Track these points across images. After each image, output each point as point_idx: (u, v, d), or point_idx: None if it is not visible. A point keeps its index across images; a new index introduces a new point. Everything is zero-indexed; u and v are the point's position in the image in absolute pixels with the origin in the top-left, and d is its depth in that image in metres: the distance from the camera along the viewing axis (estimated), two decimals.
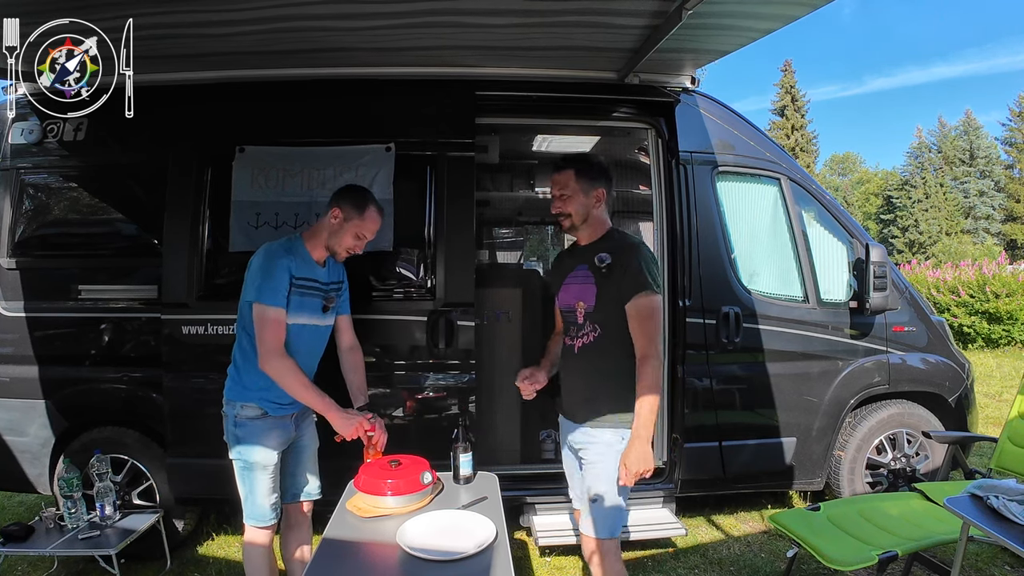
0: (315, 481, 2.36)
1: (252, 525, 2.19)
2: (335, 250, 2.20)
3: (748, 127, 3.33)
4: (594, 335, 2.02)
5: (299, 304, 2.13)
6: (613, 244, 2.04)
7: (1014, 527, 1.70)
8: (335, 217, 2.16)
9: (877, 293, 3.15)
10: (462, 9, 2.31)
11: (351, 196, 2.19)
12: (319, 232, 2.20)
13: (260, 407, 2.13)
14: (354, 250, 2.22)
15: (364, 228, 2.18)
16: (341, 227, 2.16)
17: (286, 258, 2.10)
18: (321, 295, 2.21)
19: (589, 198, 2.03)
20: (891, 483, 3.34)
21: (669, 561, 2.98)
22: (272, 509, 2.19)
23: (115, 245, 2.99)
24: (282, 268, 2.07)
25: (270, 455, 2.15)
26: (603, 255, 2.00)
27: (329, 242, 2.19)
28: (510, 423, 3.55)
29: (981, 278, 9.43)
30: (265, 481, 2.16)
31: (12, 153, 2.96)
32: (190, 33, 2.44)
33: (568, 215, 2.04)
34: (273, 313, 2.05)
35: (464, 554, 1.52)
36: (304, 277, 2.14)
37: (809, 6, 2.20)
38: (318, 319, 2.22)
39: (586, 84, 3.05)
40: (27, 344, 2.89)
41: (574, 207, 2.03)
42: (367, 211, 2.17)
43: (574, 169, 2.03)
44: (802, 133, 39.81)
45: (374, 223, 2.21)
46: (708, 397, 3.09)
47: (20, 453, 2.93)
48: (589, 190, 2.02)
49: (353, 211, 2.15)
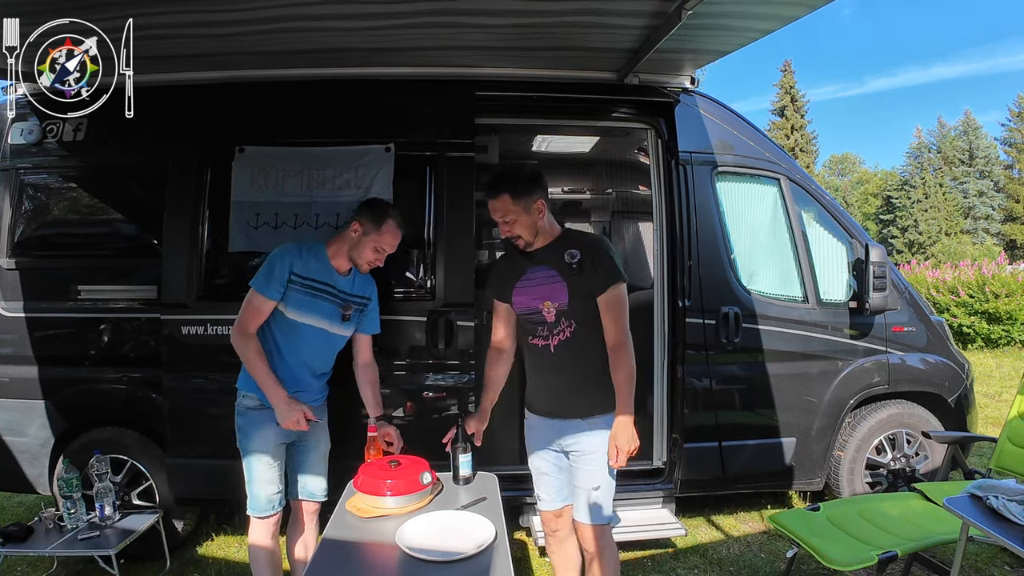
0: (319, 483, 2.37)
1: (251, 515, 2.23)
2: (357, 262, 2.27)
3: (748, 127, 3.33)
4: (570, 331, 2.05)
5: (306, 304, 2.18)
6: (576, 241, 2.09)
7: (1014, 527, 1.70)
8: (355, 231, 2.23)
9: (877, 293, 3.15)
10: (462, 9, 2.31)
11: (370, 211, 2.26)
12: (342, 242, 2.27)
13: (259, 398, 2.19)
14: (376, 263, 2.29)
15: (382, 242, 2.25)
16: (360, 241, 2.23)
17: (293, 255, 2.18)
18: (337, 302, 2.25)
19: (531, 214, 2.05)
20: (891, 483, 3.34)
21: (669, 561, 2.98)
22: (268, 501, 2.21)
23: (115, 245, 2.98)
24: (283, 262, 2.16)
25: (265, 445, 2.19)
26: (573, 251, 2.04)
27: (351, 254, 2.25)
28: (510, 423, 3.53)
29: (980, 278, 9.43)
30: (263, 471, 2.20)
31: (12, 153, 2.96)
32: (190, 33, 2.44)
33: (519, 236, 2.07)
34: (256, 298, 2.15)
35: (464, 555, 1.52)
36: (314, 279, 2.20)
37: (808, 6, 2.20)
38: (332, 326, 2.26)
39: (586, 84, 3.05)
40: (27, 344, 2.89)
41: (521, 228, 2.05)
42: (384, 225, 2.24)
43: (508, 192, 2.02)
44: (801, 133, 39.83)
45: (392, 236, 2.27)
46: (708, 397, 3.09)
47: (20, 453, 2.93)
48: (529, 206, 2.04)
49: (371, 225, 2.22)
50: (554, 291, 2.05)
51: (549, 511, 2.24)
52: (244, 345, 2.15)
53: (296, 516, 2.39)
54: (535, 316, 2.09)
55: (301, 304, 2.18)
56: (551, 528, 2.28)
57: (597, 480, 2.06)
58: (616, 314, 2.02)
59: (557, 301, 2.04)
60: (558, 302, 2.04)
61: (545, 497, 2.24)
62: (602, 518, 2.07)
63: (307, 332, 2.21)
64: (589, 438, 2.06)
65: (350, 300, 2.29)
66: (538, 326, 2.09)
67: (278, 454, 2.23)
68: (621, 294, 2.03)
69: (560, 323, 2.05)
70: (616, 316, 2.02)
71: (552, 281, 2.05)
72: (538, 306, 2.07)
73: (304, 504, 2.37)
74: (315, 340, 2.24)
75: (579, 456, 2.09)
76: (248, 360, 2.16)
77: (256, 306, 2.15)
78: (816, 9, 2.19)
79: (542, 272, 2.08)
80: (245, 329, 2.16)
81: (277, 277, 2.14)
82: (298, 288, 2.17)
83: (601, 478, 2.06)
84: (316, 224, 2.77)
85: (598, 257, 2.02)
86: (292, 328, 2.21)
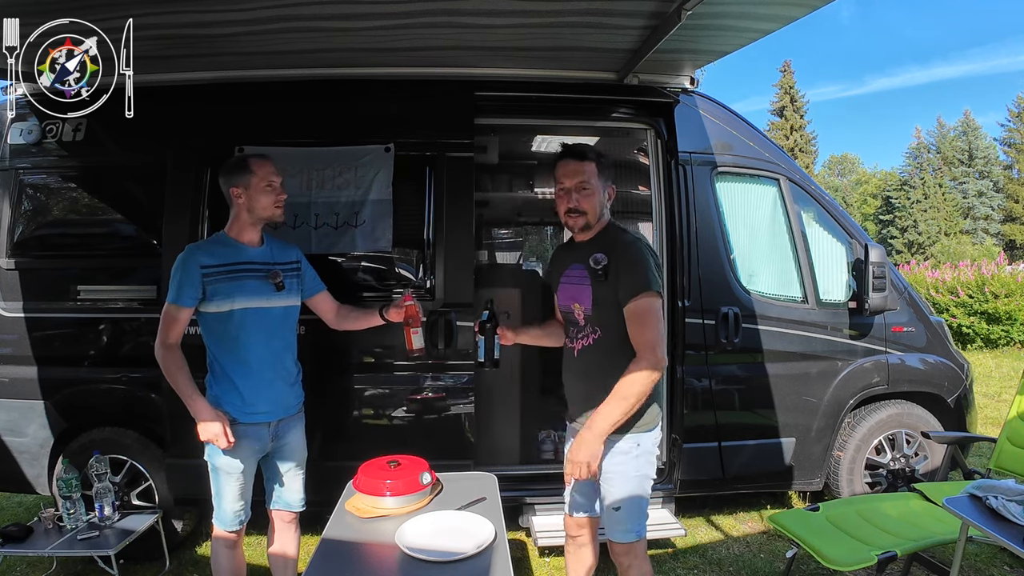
0: (296, 493, 2.32)
1: (216, 526, 2.21)
2: (265, 216, 2.17)
3: (747, 128, 3.33)
4: (594, 337, 1.95)
5: (229, 289, 2.09)
6: (609, 242, 1.93)
7: (1013, 527, 1.71)
8: (237, 196, 2.14)
9: (876, 293, 3.16)
10: (462, 9, 2.31)
11: (229, 169, 2.16)
12: (237, 217, 2.18)
13: (230, 413, 2.12)
14: (281, 197, 2.19)
15: (264, 178, 2.14)
16: (250, 195, 2.13)
17: (196, 253, 2.10)
18: (261, 274, 2.16)
19: (604, 196, 1.94)
20: (890, 483, 3.34)
21: (668, 561, 2.98)
22: (235, 516, 2.19)
23: (114, 245, 2.98)
24: (189, 263, 2.07)
25: (234, 463, 2.12)
26: (599, 255, 1.89)
27: (253, 217, 2.16)
28: (510, 423, 3.54)
29: (980, 278, 9.43)
30: (230, 487, 2.15)
31: (11, 153, 2.96)
32: (190, 33, 2.44)
33: (584, 212, 1.92)
34: (170, 309, 2.08)
35: (463, 555, 1.52)
36: (226, 263, 2.11)
37: (808, 7, 2.21)
38: (268, 300, 2.16)
39: (585, 85, 3.05)
40: (26, 345, 2.88)
41: (591, 204, 1.91)
42: (251, 163, 2.15)
43: (595, 162, 1.90)
44: (801, 134, 39.85)
45: (264, 165, 2.17)
46: (707, 397, 3.10)
47: (19, 454, 2.93)
48: (605, 187, 1.94)
49: (242, 176, 2.13)
50: (581, 294, 1.94)
51: (572, 516, 2.17)
52: (164, 358, 2.08)
53: (275, 523, 2.35)
54: (569, 316, 2.02)
55: (225, 291, 2.08)
56: (571, 533, 2.21)
57: (617, 500, 1.94)
58: (641, 326, 1.82)
59: (584, 305, 1.94)
60: (585, 307, 1.94)
61: (570, 500, 2.17)
62: (627, 536, 1.95)
63: (241, 316, 2.11)
64: (609, 458, 1.93)
65: (274, 268, 2.19)
66: (571, 326, 2.03)
67: (248, 470, 2.18)
68: (648, 305, 1.81)
69: (586, 328, 1.96)
70: (641, 327, 1.82)
71: (582, 283, 1.94)
72: (571, 306, 1.99)
73: (281, 514, 2.33)
74: (254, 321, 2.13)
75: (602, 474, 1.98)
76: (169, 373, 2.08)
77: (172, 315, 2.07)
78: (816, 9, 2.19)
79: (577, 271, 1.97)
80: (164, 341, 2.08)
81: (187, 281, 2.05)
82: (215, 278, 2.08)
83: (623, 499, 1.93)
84: (316, 224, 2.78)
85: (624, 264, 1.85)
86: (226, 326, 2.11)
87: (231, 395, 2.13)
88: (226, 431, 2.05)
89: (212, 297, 2.09)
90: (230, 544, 2.22)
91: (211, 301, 2.09)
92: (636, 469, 1.94)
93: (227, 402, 2.13)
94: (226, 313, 2.10)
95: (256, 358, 2.15)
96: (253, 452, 2.18)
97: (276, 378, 2.20)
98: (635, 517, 1.96)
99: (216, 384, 2.16)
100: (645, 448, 1.95)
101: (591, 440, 1.83)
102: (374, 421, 2.90)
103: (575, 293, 1.98)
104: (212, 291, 2.08)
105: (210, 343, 2.16)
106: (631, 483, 1.94)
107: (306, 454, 2.35)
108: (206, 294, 2.08)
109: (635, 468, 1.93)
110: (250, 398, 2.13)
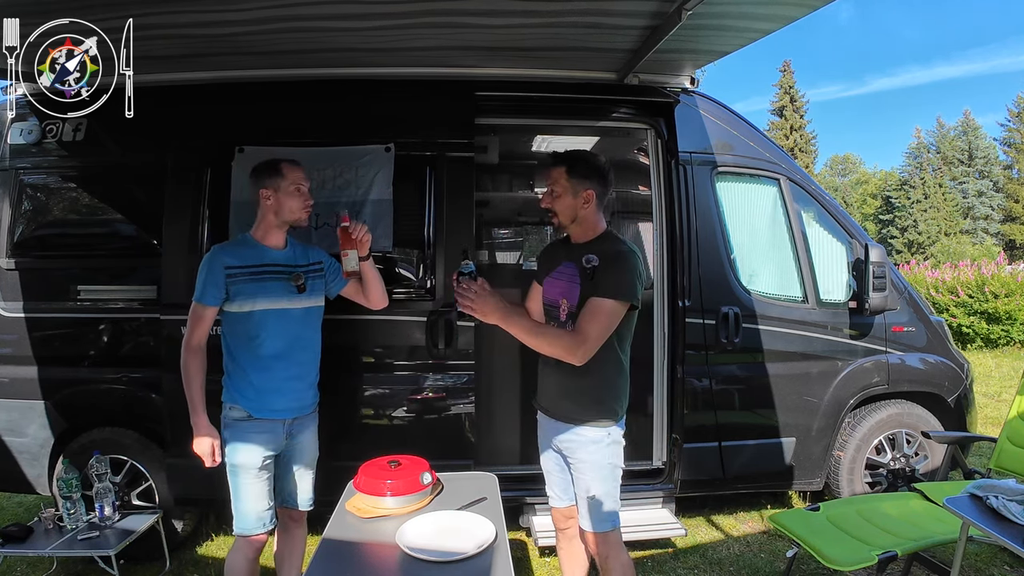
0: (305, 492, 2.32)
1: (237, 533, 2.16)
2: (291, 219, 2.18)
3: (747, 127, 3.33)
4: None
5: (255, 290, 2.12)
6: (604, 248, 1.99)
7: (1013, 527, 1.71)
8: (266, 198, 2.15)
9: (876, 293, 3.16)
10: (462, 9, 2.31)
11: (260, 171, 2.18)
12: (263, 218, 2.19)
13: (245, 409, 2.13)
14: (308, 203, 2.20)
15: (293, 182, 2.16)
16: (279, 199, 2.15)
17: (222, 253, 2.13)
18: (284, 277, 2.17)
19: (577, 199, 2.00)
20: (890, 483, 3.34)
21: (669, 561, 2.98)
22: (258, 519, 2.14)
23: (114, 245, 2.98)
24: (214, 263, 2.10)
25: (254, 458, 2.12)
26: (591, 256, 1.97)
27: (279, 220, 2.17)
28: (510, 423, 3.55)
29: (980, 278, 9.43)
30: (251, 486, 2.13)
31: (11, 153, 2.96)
32: (190, 33, 2.44)
33: (554, 212, 2.04)
34: (196, 308, 2.11)
35: (464, 555, 1.52)
36: (250, 264, 2.13)
37: (808, 7, 2.21)
38: (289, 301, 2.17)
39: (586, 85, 3.05)
40: (26, 345, 2.89)
41: (560, 206, 2.02)
42: (281, 167, 2.16)
43: (565, 167, 2.00)
44: (801, 134, 39.85)
45: (297, 171, 2.18)
46: (707, 397, 3.10)
47: (19, 454, 2.93)
48: (578, 190, 1.99)
49: (272, 179, 2.14)
50: (571, 291, 2.01)
51: (557, 508, 2.24)
52: (186, 359, 2.12)
53: (283, 520, 2.34)
54: (553, 311, 2.08)
55: (247, 292, 2.10)
56: (560, 525, 2.27)
57: (591, 490, 2.01)
58: (592, 319, 1.87)
59: (571, 302, 2.01)
60: (571, 303, 2.01)
61: (552, 495, 2.23)
62: (601, 525, 2.02)
63: (262, 317, 2.12)
64: (581, 448, 2.01)
65: (297, 270, 2.20)
66: (552, 320, 2.08)
67: (267, 467, 2.17)
68: (610, 308, 1.87)
69: (567, 324, 2.01)
70: (591, 320, 1.87)
71: (572, 280, 2.02)
72: (558, 301, 2.05)
73: (288, 512, 2.33)
74: (275, 322, 2.14)
75: (573, 464, 2.06)
76: (187, 377, 2.11)
77: (197, 314, 2.11)
78: (816, 9, 2.19)
79: (569, 269, 2.04)
80: (189, 342, 2.12)
81: (212, 280, 2.08)
82: (239, 278, 2.10)
83: (597, 487, 2.01)
84: (316, 224, 2.77)
85: (611, 269, 1.92)
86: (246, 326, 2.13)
87: (247, 391, 2.14)
88: (215, 451, 2.11)
89: (235, 297, 2.11)
90: (250, 552, 2.17)
91: (233, 301, 2.12)
92: (607, 458, 2.01)
93: (243, 397, 2.14)
94: (247, 313, 2.13)
95: (273, 357, 2.17)
96: (270, 448, 2.17)
97: (292, 377, 2.21)
98: (611, 505, 2.03)
99: (231, 376, 2.17)
100: (615, 438, 2.02)
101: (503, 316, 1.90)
102: (374, 421, 2.90)
103: (564, 289, 2.04)
104: (235, 291, 2.11)
105: (230, 340, 2.18)
106: (603, 471, 2.01)
107: (317, 454, 2.36)
108: (229, 294, 2.11)
109: (606, 457, 2.01)
110: (266, 395, 2.15)
